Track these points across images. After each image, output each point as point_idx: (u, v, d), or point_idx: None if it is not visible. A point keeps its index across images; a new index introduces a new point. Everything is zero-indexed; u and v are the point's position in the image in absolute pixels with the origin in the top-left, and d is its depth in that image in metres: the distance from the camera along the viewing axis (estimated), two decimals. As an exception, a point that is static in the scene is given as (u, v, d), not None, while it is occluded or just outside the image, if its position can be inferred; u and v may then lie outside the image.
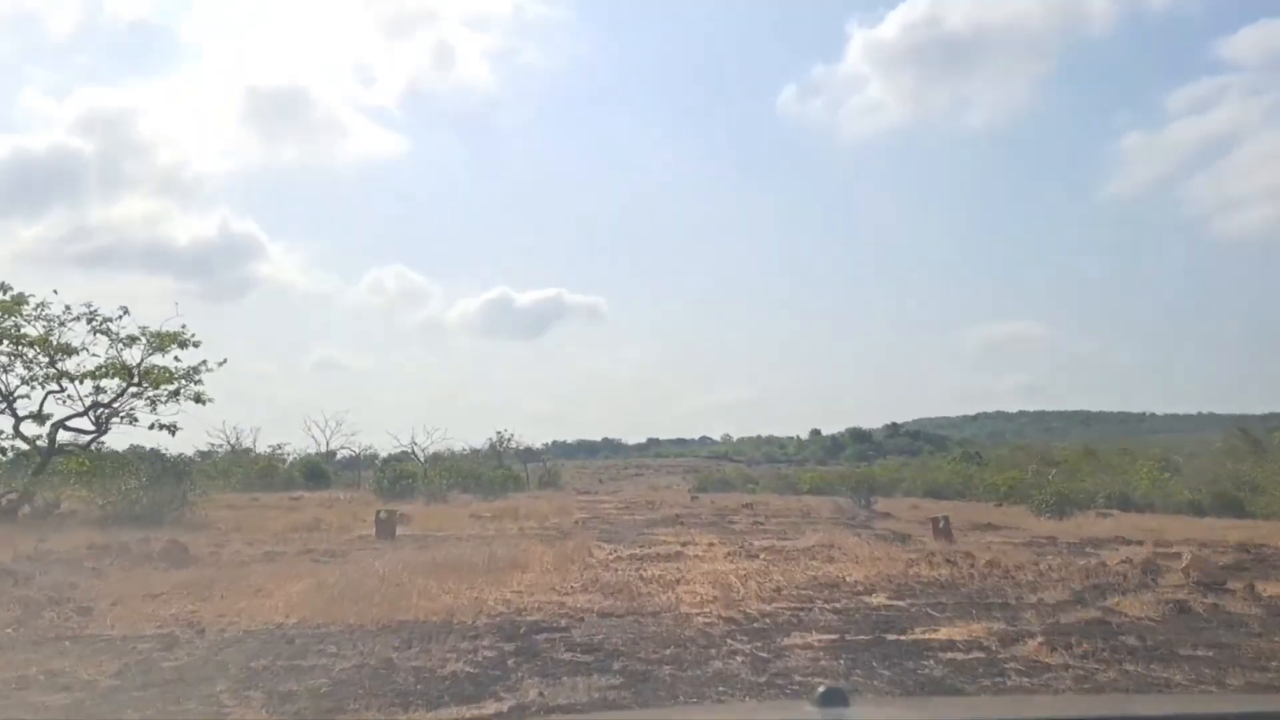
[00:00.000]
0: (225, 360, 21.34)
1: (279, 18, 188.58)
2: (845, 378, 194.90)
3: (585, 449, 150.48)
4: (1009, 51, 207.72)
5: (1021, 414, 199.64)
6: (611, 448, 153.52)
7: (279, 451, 62.10)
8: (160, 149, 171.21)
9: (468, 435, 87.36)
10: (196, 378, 20.75)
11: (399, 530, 18.04)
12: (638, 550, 15.22)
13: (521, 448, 72.87)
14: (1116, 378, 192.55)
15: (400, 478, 31.45)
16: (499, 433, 71.41)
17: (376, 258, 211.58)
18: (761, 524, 23.74)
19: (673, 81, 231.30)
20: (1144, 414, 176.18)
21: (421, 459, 35.00)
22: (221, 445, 63.18)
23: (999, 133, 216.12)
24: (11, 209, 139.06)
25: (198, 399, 20.98)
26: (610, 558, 13.86)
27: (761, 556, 13.87)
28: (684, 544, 16.45)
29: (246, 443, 63.69)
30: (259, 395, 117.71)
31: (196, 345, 20.77)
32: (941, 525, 16.66)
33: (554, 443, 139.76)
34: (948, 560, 12.65)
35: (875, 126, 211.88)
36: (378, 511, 17.05)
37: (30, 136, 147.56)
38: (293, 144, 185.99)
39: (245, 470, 57.30)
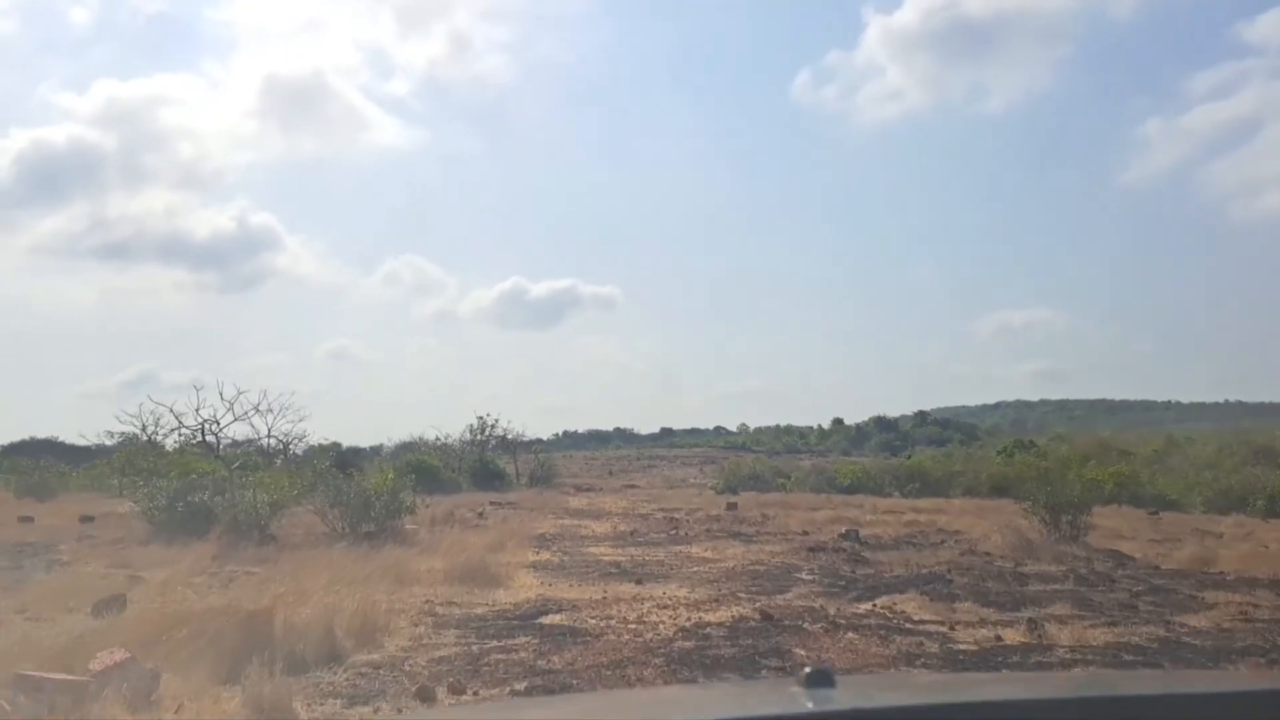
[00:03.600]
0: None
1: (298, 9, 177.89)
2: (861, 367, 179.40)
3: (597, 439, 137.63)
4: (1028, 36, 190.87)
5: (1043, 402, 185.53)
6: (624, 437, 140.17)
7: (190, 442, 45.28)
8: (180, 142, 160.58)
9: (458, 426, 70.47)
10: None
11: None
12: None
13: (513, 436, 55.45)
14: (1136, 365, 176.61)
15: (187, 491, 14.91)
16: (481, 418, 54.04)
17: (392, 249, 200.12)
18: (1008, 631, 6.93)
19: (688, 71, 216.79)
20: (1168, 402, 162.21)
21: (219, 449, 18.79)
22: (134, 434, 46.13)
23: (1017, 119, 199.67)
24: (31, 202, 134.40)
25: None
26: None
27: None
28: None
29: (166, 432, 46.71)
30: (272, 387, 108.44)
31: None
32: None
33: (565, 433, 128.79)
34: None
35: (891, 113, 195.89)
36: None
37: (50, 129, 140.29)
38: (311, 136, 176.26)
39: (150, 466, 40.93)
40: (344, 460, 49.81)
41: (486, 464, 49.05)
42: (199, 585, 10.43)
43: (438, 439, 52.64)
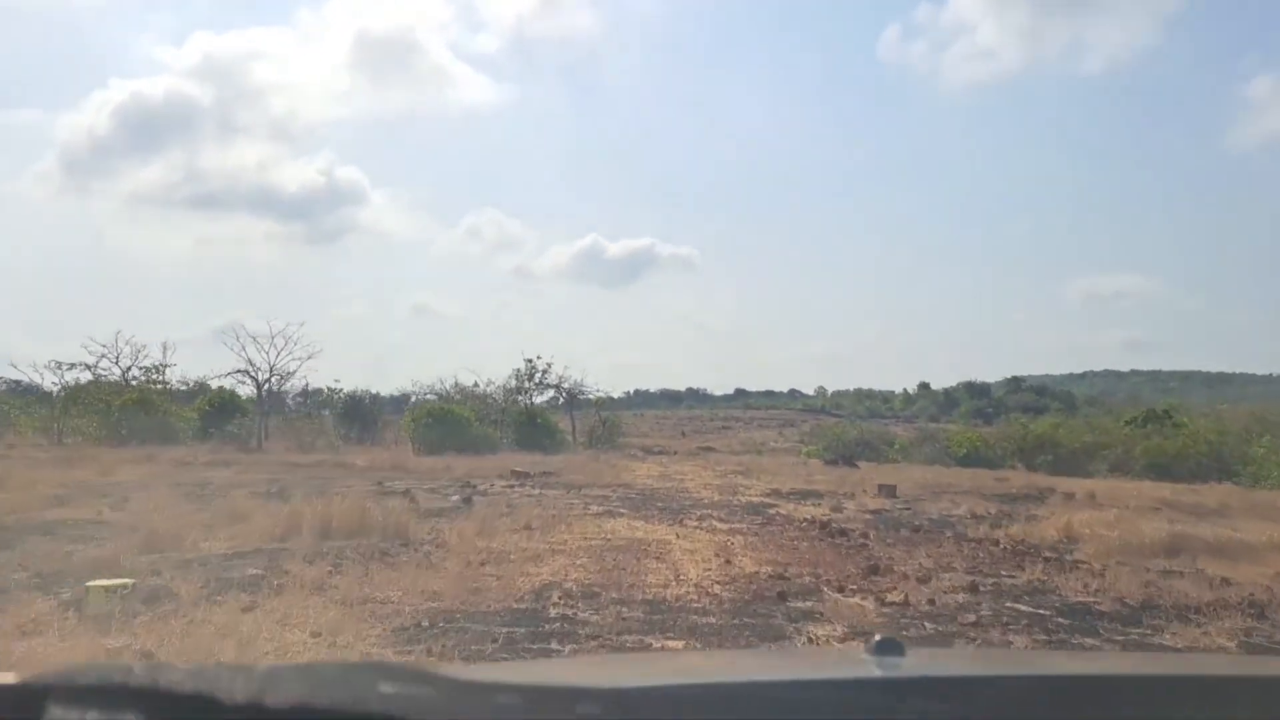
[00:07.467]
0: None
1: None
2: (940, 332, 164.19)
3: (669, 399, 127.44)
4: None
5: (1134, 373, 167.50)
6: (696, 398, 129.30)
7: (156, 377, 34.13)
8: (272, 96, 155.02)
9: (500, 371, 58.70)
10: None
11: None
12: None
13: (570, 385, 43.02)
14: (1230, 337, 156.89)
15: None
16: (529, 361, 41.68)
17: (474, 204, 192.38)
18: None
19: (771, 27, 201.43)
20: (1270, 375, 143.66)
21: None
22: (103, 366, 34.82)
23: (1116, 78, 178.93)
24: (130, 152, 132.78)
25: None
26: None
27: None
28: None
29: (146, 363, 35.66)
30: (353, 339, 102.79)
31: None
32: None
33: (636, 391, 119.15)
34: None
35: (982, 72, 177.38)
36: None
37: (148, 82, 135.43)
38: (399, 91, 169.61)
39: (99, 405, 30.26)
40: (359, 410, 38.33)
41: (533, 418, 37.04)
42: None
43: (476, 385, 40.83)
